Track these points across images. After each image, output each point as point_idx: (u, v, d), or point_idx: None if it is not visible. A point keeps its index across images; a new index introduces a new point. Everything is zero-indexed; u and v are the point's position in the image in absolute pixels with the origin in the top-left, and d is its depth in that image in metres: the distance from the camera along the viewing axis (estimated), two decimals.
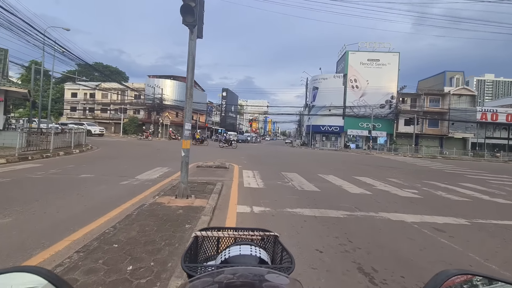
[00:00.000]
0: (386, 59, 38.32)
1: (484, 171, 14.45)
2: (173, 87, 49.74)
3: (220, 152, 17.28)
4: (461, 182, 9.27)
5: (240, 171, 8.77)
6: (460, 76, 39.18)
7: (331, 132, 40.12)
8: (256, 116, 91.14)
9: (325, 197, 5.59)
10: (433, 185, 8.31)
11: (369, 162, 16.28)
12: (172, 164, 9.45)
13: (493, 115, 37.66)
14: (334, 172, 10.06)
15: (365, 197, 5.80)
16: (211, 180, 6.70)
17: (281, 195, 5.52)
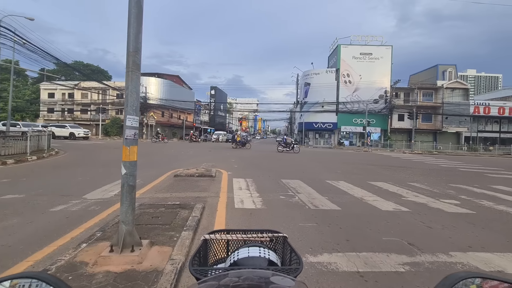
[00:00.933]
0: (378, 52, 37.21)
1: (496, 167, 13.21)
2: (158, 85, 47.21)
3: (208, 154, 15.37)
4: (492, 184, 7.83)
5: (229, 180, 6.95)
6: (453, 70, 38.61)
7: (325, 129, 38.76)
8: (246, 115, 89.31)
9: (353, 221, 3.87)
10: (466, 190, 6.78)
11: (372, 161, 14.78)
12: (147, 173, 7.54)
13: (485, 108, 37.26)
14: (342, 176, 8.40)
15: (405, 218, 4.12)
16: (188, 198, 4.87)
17: (290, 221, 3.75)
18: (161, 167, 9.40)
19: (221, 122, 70.73)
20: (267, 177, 7.67)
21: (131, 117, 2.33)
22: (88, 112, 48.11)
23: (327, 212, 4.25)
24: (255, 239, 0.93)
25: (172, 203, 4.18)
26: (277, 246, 0.97)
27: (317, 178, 7.83)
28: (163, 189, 5.58)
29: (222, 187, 5.98)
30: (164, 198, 4.79)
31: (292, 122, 59.36)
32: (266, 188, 6.06)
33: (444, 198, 5.68)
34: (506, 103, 37.63)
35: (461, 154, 27.16)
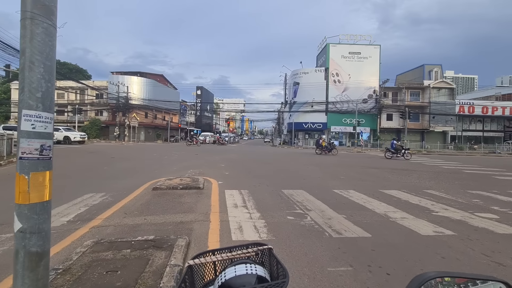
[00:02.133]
0: (367, 52, 37.02)
1: (496, 168, 12.75)
2: (140, 84, 45.02)
3: (195, 158, 14.05)
4: (510, 189, 7.10)
5: (221, 192, 5.76)
6: (439, 70, 39.09)
7: (314, 129, 38.14)
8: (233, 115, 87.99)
9: (396, 257, 2.81)
10: (490, 198, 5.98)
11: (371, 163, 13.99)
12: (120, 185, 6.22)
13: (470, 107, 37.90)
14: (348, 183, 7.42)
15: (459, 248, 3.11)
16: (168, 224, 3.64)
17: (314, 264, 2.63)
18: (139, 175, 8.06)
19: (208, 123, 68.97)
20: (265, 186, 6.53)
21: (34, 114, 1.14)
22: (65, 113, 45.21)
23: (356, 243, 3.17)
24: (240, 256, 0.92)
25: (143, 238, 2.95)
26: (263, 259, 0.96)
27: (321, 186, 6.78)
28: (136, 210, 4.32)
29: (212, 204, 4.78)
30: (134, 227, 3.55)
31: (280, 122, 58.56)
32: (267, 203, 4.92)
33: (478, 211, 4.78)
34: (494, 102, 38.43)
35: (450, 154, 27.20)
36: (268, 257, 0.96)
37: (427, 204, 5.20)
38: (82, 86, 41.45)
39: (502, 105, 37.45)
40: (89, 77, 61.43)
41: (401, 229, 3.71)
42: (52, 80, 1.22)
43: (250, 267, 0.80)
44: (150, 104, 44.35)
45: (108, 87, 41.47)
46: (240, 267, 0.80)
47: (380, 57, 37.57)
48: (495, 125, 39.85)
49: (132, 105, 40.90)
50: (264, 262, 0.96)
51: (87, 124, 40.08)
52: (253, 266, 0.81)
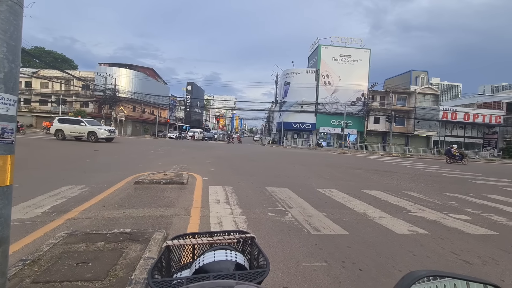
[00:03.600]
0: (357, 55, 37.64)
1: (474, 172, 13.29)
2: (129, 77, 44.05)
3: (182, 154, 13.90)
4: (484, 193, 7.42)
5: (204, 188, 5.73)
6: (425, 76, 40.22)
7: (303, 130, 38.51)
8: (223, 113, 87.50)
9: (371, 255, 2.89)
10: (465, 200, 6.23)
11: (356, 164, 14.27)
12: (101, 178, 6.08)
13: (453, 114, 39.22)
14: (332, 182, 7.55)
15: (430, 246, 3.23)
16: (146, 218, 3.59)
17: (290, 259, 2.67)
18: (123, 169, 7.91)
19: (197, 119, 68.32)
20: (250, 184, 6.55)
21: None
22: (48, 103, 43.63)
23: (334, 240, 3.24)
24: (221, 242, 0.90)
25: (119, 230, 2.90)
26: (245, 247, 0.95)
27: (305, 185, 6.87)
28: (115, 204, 4.24)
29: (194, 199, 4.75)
30: (112, 220, 3.48)
31: (270, 121, 58.74)
32: (250, 200, 4.94)
33: (452, 213, 4.97)
34: (475, 110, 39.84)
35: (432, 158, 28.08)
36: (249, 245, 0.94)
37: (405, 205, 5.36)
38: (68, 76, 40.06)
39: (483, 113, 38.99)
40: (75, 67, 59.52)
41: (377, 228, 3.82)
42: (17, 61, 1.17)
43: (230, 253, 0.79)
44: (139, 98, 43.47)
45: (95, 78, 40.35)
46: (219, 253, 0.78)
47: (369, 61, 38.30)
48: (476, 131, 41.45)
49: (119, 98, 39.95)
50: (245, 250, 0.94)
51: (71, 116, 38.82)
52: (233, 253, 0.80)
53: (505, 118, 38.61)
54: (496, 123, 38.85)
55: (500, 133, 39.27)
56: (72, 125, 18.87)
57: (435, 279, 0.57)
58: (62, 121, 19.17)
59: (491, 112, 39.07)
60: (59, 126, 18.67)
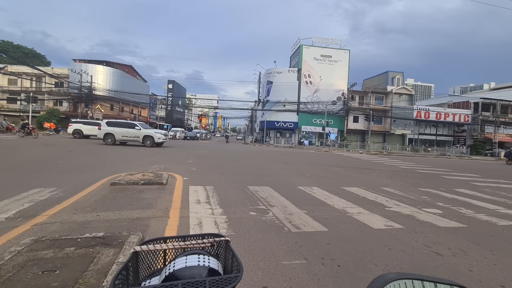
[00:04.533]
0: (337, 56, 38.54)
1: (445, 168, 14.06)
2: (106, 74, 42.31)
3: (162, 153, 13.54)
4: (454, 187, 7.86)
5: (185, 188, 5.60)
6: (400, 77, 41.95)
7: (286, 129, 38.89)
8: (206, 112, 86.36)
9: (349, 250, 2.95)
10: (437, 195, 6.56)
11: (336, 162, 14.61)
12: (75, 180, 5.76)
13: (426, 113, 41.19)
14: (313, 180, 7.66)
15: (405, 240, 3.36)
16: (122, 221, 3.44)
17: (270, 257, 2.66)
18: (98, 169, 7.56)
19: (179, 118, 66.92)
20: (231, 183, 6.49)
21: None
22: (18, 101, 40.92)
23: (313, 237, 3.27)
24: (195, 246, 0.87)
25: (91, 235, 2.75)
26: (219, 251, 0.92)
27: (287, 183, 6.92)
28: (89, 206, 4.03)
29: (174, 200, 4.63)
30: (84, 224, 3.30)
31: (253, 120, 58.78)
32: (232, 199, 4.89)
33: (425, 207, 5.21)
34: (446, 109, 42.06)
35: (407, 155, 29.41)
36: (224, 249, 0.92)
37: (382, 200, 5.55)
38: (39, 72, 37.75)
39: (453, 112, 41.36)
40: (48, 63, 56.27)
41: (356, 224, 3.91)
42: None
43: (203, 258, 0.76)
44: (117, 96, 41.87)
45: (70, 75, 38.33)
46: (192, 258, 0.76)
47: (349, 62, 39.36)
48: (447, 130, 43.89)
49: (96, 96, 38.24)
50: (220, 254, 0.92)
51: (43, 115, 36.65)
52: (206, 258, 0.77)
53: (472, 117, 41.18)
54: (465, 121, 41.35)
55: (468, 131, 41.84)
56: (124, 128, 17.21)
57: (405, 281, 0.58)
58: (111, 124, 17.28)
59: (460, 111, 41.51)
60: (109, 130, 16.87)
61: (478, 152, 38.60)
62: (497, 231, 3.99)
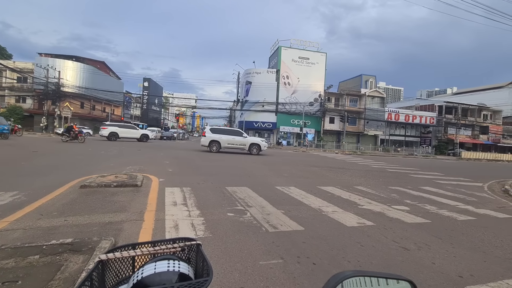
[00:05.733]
0: (315, 58, 39.54)
1: (412, 167, 14.98)
2: (76, 70, 40.03)
3: (137, 154, 13.05)
4: (420, 185, 8.42)
5: (161, 190, 5.46)
6: (373, 80, 43.98)
7: (264, 129, 39.19)
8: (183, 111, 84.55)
9: (324, 248, 3.05)
10: (405, 193, 6.98)
11: (313, 162, 14.99)
12: (41, 182, 5.38)
13: (396, 115, 43.55)
14: (290, 180, 7.81)
15: (375, 237, 3.54)
16: (93, 225, 3.28)
17: (247, 258, 2.68)
18: (66, 171, 7.13)
19: (155, 117, 64.90)
20: (209, 184, 6.43)
21: None
22: None
23: (290, 236, 3.34)
24: (165, 251, 0.86)
25: (58, 241, 2.59)
26: (191, 255, 0.91)
27: (265, 183, 6.99)
28: (56, 211, 3.79)
29: (149, 202, 4.49)
30: (50, 230, 3.11)
31: (232, 120, 58.53)
32: (209, 201, 4.85)
33: (395, 204, 5.52)
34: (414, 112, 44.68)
35: (379, 155, 30.90)
36: (195, 253, 0.91)
37: (355, 199, 5.79)
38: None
39: (420, 114, 44.13)
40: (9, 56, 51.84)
41: (331, 222, 4.06)
42: None
43: (173, 263, 0.75)
44: (88, 93, 39.69)
45: (35, 70, 35.73)
46: (161, 263, 0.74)
47: (326, 64, 40.55)
48: (414, 131, 46.69)
49: (64, 93, 35.94)
50: (191, 258, 0.91)
51: (4, 112, 33.77)
52: (177, 263, 0.76)
53: (437, 120, 44.20)
54: (430, 123, 44.29)
55: (433, 133, 44.86)
56: (230, 136, 17.02)
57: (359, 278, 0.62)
58: (216, 131, 17.01)
59: (426, 114, 44.40)
60: (214, 137, 16.56)
61: (442, 152, 41.52)
62: (457, 226, 4.33)
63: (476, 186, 9.25)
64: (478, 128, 46.14)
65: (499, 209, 5.81)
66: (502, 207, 6.14)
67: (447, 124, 43.95)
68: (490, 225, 4.53)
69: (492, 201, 6.80)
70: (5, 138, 17.99)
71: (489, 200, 6.83)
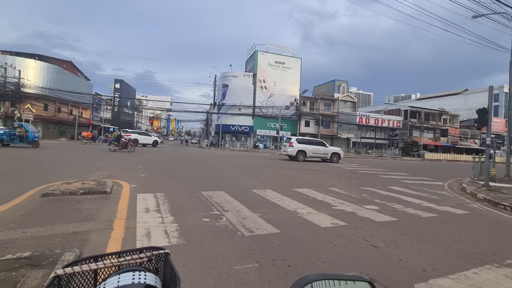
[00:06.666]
0: (290, 63, 40.42)
1: (382, 168, 15.80)
2: (39, 69, 37.29)
3: (107, 159, 12.38)
4: (388, 185, 8.88)
5: (132, 196, 5.22)
6: (345, 85, 45.87)
7: (241, 132, 39.15)
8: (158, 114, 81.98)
9: (299, 249, 3.10)
10: (375, 193, 7.32)
11: (289, 165, 15.23)
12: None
13: (366, 119, 45.66)
14: (267, 183, 7.86)
15: (348, 236, 3.67)
16: (55, 237, 3.04)
17: (223, 263, 2.64)
18: (26, 179, 6.58)
19: (128, 120, 62.19)
20: (184, 189, 6.27)
21: None
22: None
23: (266, 239, 3.35)
24: (130, 263, 0.78)
25: (14, 255, 2.36)
26: (159, 265, 0.84)
27: (242, 187, 6.97)
28: (13, 222, 3.47)
29: (119, 210, 4.28)
30: (5, 243, 2.83)
31: (208, 123, 57.81)
32: (184, 206, 4.72)
33: (366, 204, 5.77)
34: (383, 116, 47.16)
35: (351, 157, 32.18)
36: (164, 263, 0.86)
37: (329, 200, 5.97)
38: None
39: (388, 118, 46.72)
40: None
41: (306, 223, 4.14)
42: None
43: (138, 275, 0.70)
44: (53, 95, 37.07)
45: None
46: (125, 276, 0.69)
47: (301, 69, 41.61)
48: (383, 134, 49.31)
49: (25, 94, 33.21)
50: (160, 268, 0.86)
51: None
52: (143, 274, 0.71)
53: (403, 123, 47.09)
54: (397, 127, 47.04)
55: (400, 135, 47.70)
56: (314, 146, 18.37)
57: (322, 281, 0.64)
58: (302, 142, 18.40)
59: (393, 118, 47.11)
60: (301, 147, 17.83)
61: (408, 154, 44.25)
62: (421, 223, 4.63)
63: (438, 185, 9.96)
64: (439, 131, 49.83)
65: (457, 206, 6.31)
66: (460, 204, 6.68)
67: (412, 127, 46.97)
68: (450, 221, 4.89)
69: (451, 198, 7.37)
70: (36, 147, 17.38)
71: (449, 198, 7.39)
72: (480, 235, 4.11)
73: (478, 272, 2.78)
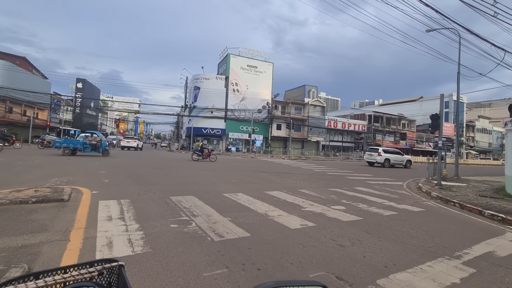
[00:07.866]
0: (262, 67, 40.93)
1: (349, 170, 16.59)
2: None
3: (66, 164, 11.41)
4: (354, 186, 9.34)
5: (93, 204, 4.86)
6: (315, 90, 47.59)
7: (213, 135, 38.66)
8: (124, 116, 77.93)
9: (269, 252, 3.11)
10: (342, 194, 7.66)
11: (260, 167, 15.34)
12: None
13: (334, 123, 47.72)
14: (238, 186, 7.83)
15: (316, 237, 3.78)
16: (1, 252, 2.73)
17: (191, 271, 2.55)
18: None
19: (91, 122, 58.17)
20: (152, 194, 6.00)
21: None
22: None
23: (236, 243, 3.32)
24: (77, 278, 0.72)
25: None
26: (112, 279, 0.80)
27: (213, 191, 6.85)
28: None
29: (77, 219, 3.95)
30: None
31: (179, 126, 56.22)
32: (150, 213, 4.51)
33: (333, 205, 6.00)
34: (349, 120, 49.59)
35: (321, 159, 33.37)
36: (117, 276, 0.81)
37: (299, 202, 6.11)
38: None
39: (354, 122, 49.32)
40: None
41: (276, 226, 4.18)
42: None
43: None
44: (3, 93, 33.47)
45: None
46: None
47: (273, 74, 42.33)
48: (350, 137, 51.89)
49: None
50: (113, 282, 0.80)
51: None
52: None
53: (367, 127, 50.02)
54: (362, 130, 49.85)
55: (365, 139, 50.55)
56: (394, 155, 22.12)
57: None
58: (386, 152, 21.82)
59: (359, 122, 49.85)
60: (387, 156, 21.45)
61: None
62: (383, 221, 4.92)
63: (398, 184, 10.70)
64: (398, 135, 53.71)
65: (414, 204, 6.82)
66: (417, 202, 7.23)
67: (375, 131, 50.08)
68: (408, 218, 5.27)
69: (409, 197, 7.95)
70: (106, 155, 17.04)
71: (407, 197, 7.97)
72: (433, 231, 4.48)
73: (432, 265, 3.02)
